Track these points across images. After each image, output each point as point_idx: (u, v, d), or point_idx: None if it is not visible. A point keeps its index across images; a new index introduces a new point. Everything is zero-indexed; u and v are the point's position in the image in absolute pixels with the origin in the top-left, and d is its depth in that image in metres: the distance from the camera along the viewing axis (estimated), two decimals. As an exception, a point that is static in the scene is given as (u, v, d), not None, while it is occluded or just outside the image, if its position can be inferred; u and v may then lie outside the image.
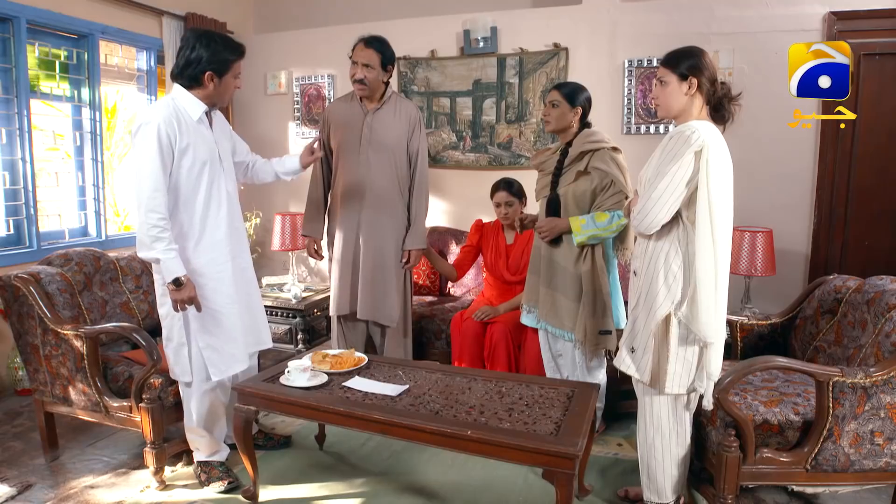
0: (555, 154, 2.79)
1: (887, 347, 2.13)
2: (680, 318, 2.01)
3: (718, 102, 2.09)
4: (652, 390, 2.13)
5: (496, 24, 4.22)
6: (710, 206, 1.93)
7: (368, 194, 3.04)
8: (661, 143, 2.09)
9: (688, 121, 2.07)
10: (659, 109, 2.15)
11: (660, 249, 2.07)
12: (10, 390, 3.53)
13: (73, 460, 2.75)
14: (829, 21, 3.55)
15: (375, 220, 3.06)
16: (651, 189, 2.01)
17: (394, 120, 3.04)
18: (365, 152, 3.02)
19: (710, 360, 2.02)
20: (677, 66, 2.06)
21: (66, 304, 2.67)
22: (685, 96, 2.07)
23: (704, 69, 2.05)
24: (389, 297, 3.10)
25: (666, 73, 2.09)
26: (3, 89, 3.53)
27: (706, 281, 1.96)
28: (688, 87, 2.06)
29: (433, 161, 4.51)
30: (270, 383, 2.36)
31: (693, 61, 2.06)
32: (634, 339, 2.16)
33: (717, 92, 2.08)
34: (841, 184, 3.69)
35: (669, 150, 2.00)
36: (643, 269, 2.14)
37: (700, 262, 1.96)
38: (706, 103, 2.09)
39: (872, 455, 2.06)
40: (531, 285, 2.88)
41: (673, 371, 2.04)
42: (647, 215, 2.01)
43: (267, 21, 5.30)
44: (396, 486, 2.53)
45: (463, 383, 2.36)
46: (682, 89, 2.06)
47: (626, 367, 2.18)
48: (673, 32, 3.81)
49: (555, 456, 1.82)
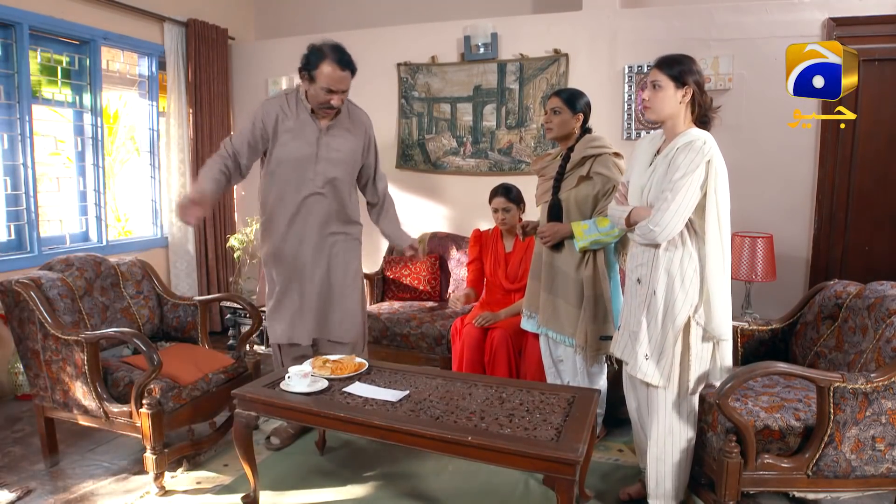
0: (556, 159, 2.79)
1: (888, 353, 2.12)
2: (697, 320, 2.10)
3: (705, 114, 2.14)
4: (669, 395, 2.16)
5: (497, 30, 4.24)
6: (719, 212, 2.04)
7: (320, 211, 2.83)
8: (665, 154, 2.11)
9: (679, 127, 2.13)
10: (649, 112, 2.16)
11: (671, 256, 2.11)
12: (11, 395, 3.53)
13: (73, 466, 2.74)
14: (829, 27, 3.55)
15: (329, 238, 2.88)
16: (668, 201, 2.02)
17: (349, 133, 2.86)
18: (319, 170, 2.79)
19: (725, 356, 2.18)
20: (675, 71, 2.09)
21: (66, 310, 2.67)
22: (679, 103, 2.11)
23: (698, 78, 2.10)
24: (350, 316, 2.93)
25: (662, 77, 2.10)
26: (6, 95, 3.54)
27: (719, 282, 2.07)
28: (683, 95, 2.09)
29: (433, 166, 4.52)
30: (270, 389, 2.35)
31: (690, 69, 2.10)
32: (645, 345, 2.17)
33: (705, 103, 2.12)
34: (841, 189, 3.69)
35: (683, 162, 2.02)
36: (650, 276, 2.15)
37: (711, 265, 2.06)
38: (692, 111, 2.13)
39: (874, 461, 2.05)
40: (532, 291, 2.88)
41: (695, 373, 2.14)
42: (667, 227, 2.03)
43: (268, 27, 5.33)
44: (397, 491, 2.52)
45: (463, 389, 2.35)
46: (678, 96, 2.09)
47: (644, 374, 2.17)
48: (673, 38, 3.82)
49: (555, 462, 1.82)
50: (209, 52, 4.65)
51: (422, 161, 4.56)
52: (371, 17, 4.84)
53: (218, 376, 2.78)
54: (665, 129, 2.21)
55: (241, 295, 4.48)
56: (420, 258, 2.73)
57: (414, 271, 4.15)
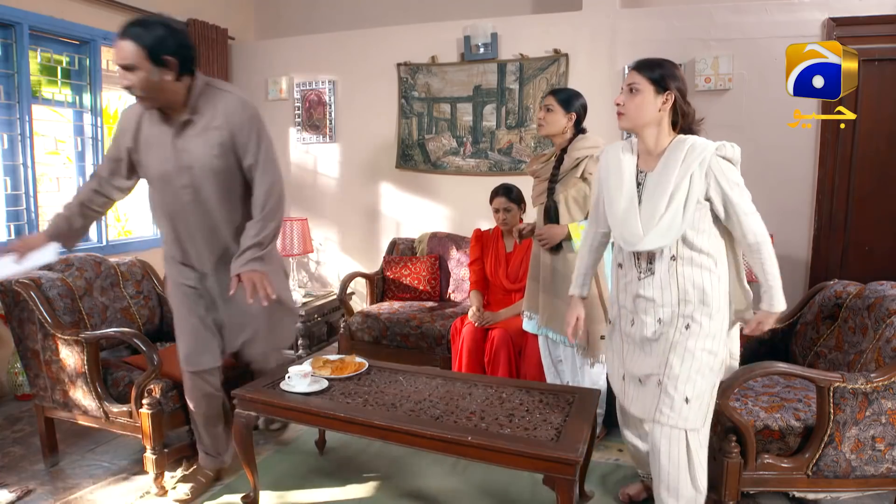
0: (550, 160, 2.79)
1: (888, 353, 2.12)
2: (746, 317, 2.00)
3: (689, 127, 1.94)
4: (703, 434, 1.95)
5: (497, 31, 4.24)
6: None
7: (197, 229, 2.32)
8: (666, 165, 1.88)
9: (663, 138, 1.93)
10: (622, 119, 1.93)
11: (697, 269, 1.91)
12: (11, 395, 3.53)
13: (72, 466, 2.74)
14: (829, 27, 3.56)
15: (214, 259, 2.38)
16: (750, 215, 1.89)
17: (209, 129, 2.20)
18: (179, 181, 2.24)
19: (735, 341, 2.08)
20: (655, 74, 1.88)
21: (66, 310, 2.67)
22: (658, 111, 1.90)
23: (681, 86, 1.91)
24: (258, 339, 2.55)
25: (641, 79, 1.89)
26: (6, 95, 3.54)
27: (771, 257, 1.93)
28: (663, 102, 1.89)
29: (433, 166, 4.52)
30: (271, 389, 2.35)
31: (672, 74, 1.90)
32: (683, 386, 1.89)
33: (690, 114, 1.93)
34: (841, 189, 3.70)
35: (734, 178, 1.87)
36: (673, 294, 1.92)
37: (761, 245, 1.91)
38: (671, 122, 1.93)
39: (874, 461, 2.05)
40: (531, 292, 2.88)
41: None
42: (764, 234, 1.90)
43: (268, 27, 5.33)
44: (397, 491, 2.52)
45: (463, 389, 2.35)
46: (657, 102, 1.89)
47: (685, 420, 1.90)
48: (673, 38, 3.83)
49: (555, 462, 1.82)
50: (209, 52, 4.65)
51: (422, 161, 4.56)
52: (371, 17, 4.84)
53: (218, 376, 2.77)
54: (642, 140, 1.96)
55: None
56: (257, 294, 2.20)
57: (414, 271, 4.15)
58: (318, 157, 4.90)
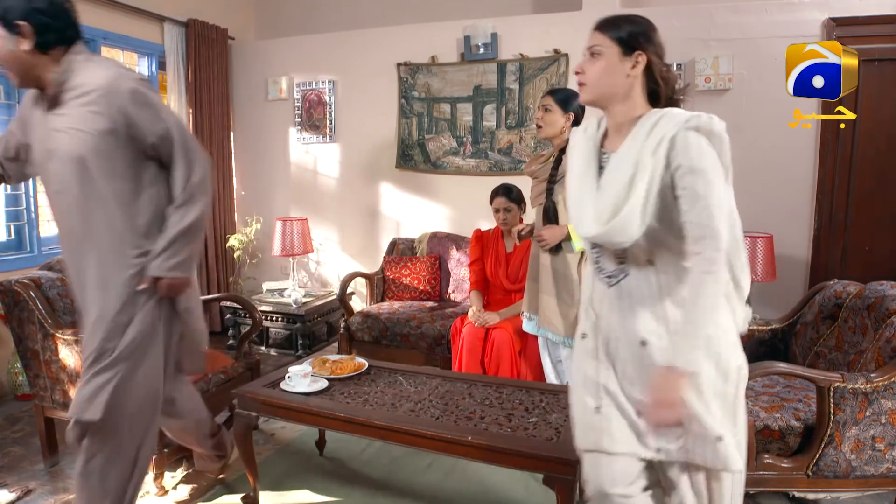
0: (548, 161, 2.79)
1: (888, 352, 2.12)
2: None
3: (671, 97, 1.49)
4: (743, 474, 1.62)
5: (497, 31, 4.24)
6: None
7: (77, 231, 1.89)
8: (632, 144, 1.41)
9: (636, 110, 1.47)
10: (583, 90, 1.50)
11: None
12: (10, 395, 3.53)
13: (72, 466, 2.73)
14: (829, 27, 3.56)
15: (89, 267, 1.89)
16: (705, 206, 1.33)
17: (85, 107, 1.79)
18: (56, 171, 1.85)
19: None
20: (622, 33, 1.46)
21: (66, 310, 2.67)
22: (625, 77, 1.45)
23: (656, 45, 1.48)
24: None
25: (603, 39, 1.47)
26: (5, 95, 3.54)
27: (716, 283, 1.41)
28: (632, 66, 1.45)
29: (433, 166, 4.52)
30: (271, 389, 2.35)
31: (644, 32, 1.48)
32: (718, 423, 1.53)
33: (671, 81, 1.49)
34: (841, 189, 3.69)
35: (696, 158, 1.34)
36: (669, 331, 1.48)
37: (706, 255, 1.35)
38: (646, 92, 1.48)
39: (874, 461, 2.05)
40: (531, 292, 2.88)
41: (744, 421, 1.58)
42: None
43: (268, 27, 5.33)
44: (396, 491, 2.52)
45: (463, 389, 2.35)
46: (625, 67, 1.45)
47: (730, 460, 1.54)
48: (672, 38, 3.79)
49: (555, 462, 1.82)
50: (209, 52, 4.65)
51: (422, 161, 4.56)
52: (371, 17, 4.84)
53: (217, 376, 2.77)
54: (610, 115, 1.51)
55: (241, 295, 4.49)
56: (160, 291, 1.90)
57: (414, 271, 4.15)
58: (318, 157, 4.90)
